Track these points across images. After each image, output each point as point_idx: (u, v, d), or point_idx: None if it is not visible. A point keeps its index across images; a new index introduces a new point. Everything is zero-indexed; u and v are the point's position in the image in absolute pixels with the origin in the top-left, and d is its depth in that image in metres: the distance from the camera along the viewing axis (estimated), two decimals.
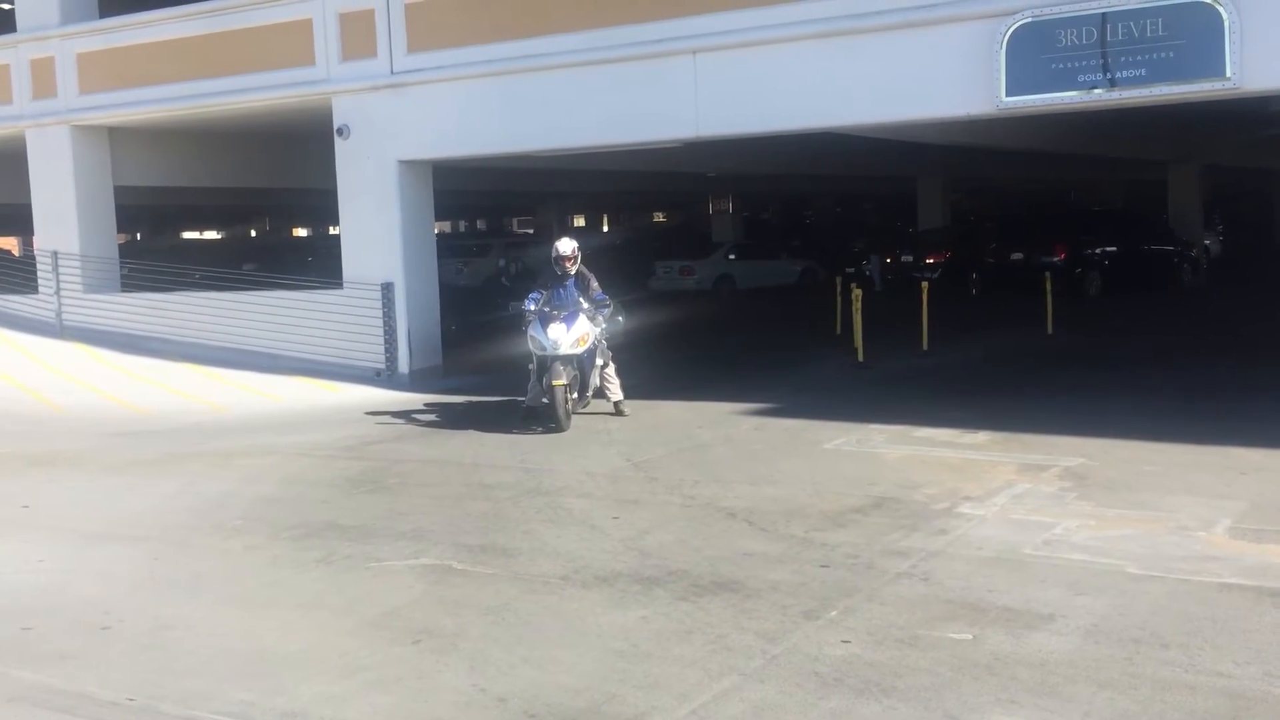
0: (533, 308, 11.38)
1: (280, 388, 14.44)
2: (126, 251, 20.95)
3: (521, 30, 13.60)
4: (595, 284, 11.70)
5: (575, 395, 11.27)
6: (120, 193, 17.87)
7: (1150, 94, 10.40)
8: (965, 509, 7.56)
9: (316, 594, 6.43)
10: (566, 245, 11.71)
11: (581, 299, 11.45)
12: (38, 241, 17.97)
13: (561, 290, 11.53)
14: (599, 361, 11.67)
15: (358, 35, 14.74)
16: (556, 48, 13.33)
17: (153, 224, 35.99)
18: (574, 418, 11.23)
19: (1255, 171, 31.56)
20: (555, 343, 11.05)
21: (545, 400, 11.08)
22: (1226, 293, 22.86)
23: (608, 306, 11.76)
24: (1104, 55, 10.40)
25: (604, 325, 11.79)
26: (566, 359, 11.08)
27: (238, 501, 8.69)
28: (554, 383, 10.91)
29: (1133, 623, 5.38)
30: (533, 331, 11.30)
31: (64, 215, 17.23)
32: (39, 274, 17.67)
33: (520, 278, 15.23)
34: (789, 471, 8.94)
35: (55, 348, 16.62)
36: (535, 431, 10.95)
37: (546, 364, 11.06)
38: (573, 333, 11.15)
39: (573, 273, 11.58)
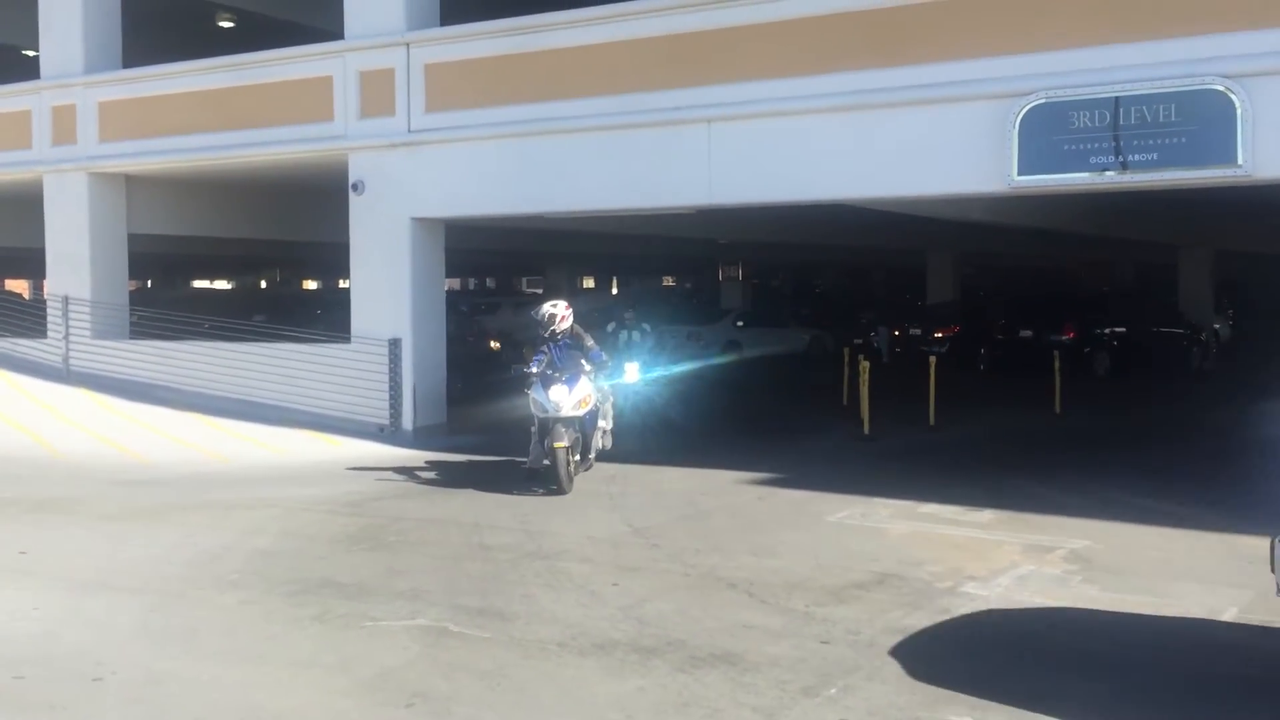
0: (535, 370, 11.39)
1: (284, 440, 14.41)
2: (137, 299, 21.05)
3: (538, 94, 13.76)
4: (590, 341, 11.80)
5: (577, 457, 11.23)
6: (133, 240, 17.99)
7: (1161, 178, 10.47)
8: (969, 589, 7.49)
9: (311, 652, 6.36)
10: (549, 309, 11.72)
11: (582, 360, 11.45)
12: (49, 286, 18.05)
13: (559, 351, 11.51)
14: (601, 424, 11.70)
15: (377, 93, 14.91)
16: (572, 112, 13.47)
17: (164, 272, 36.21)
18: (576, 480, 11.17)
19: (1267, 257, 31.66)
20: (557, 405, 11.04)
21: (547, 462, 11.02)
22: (1235, 377, 22.82)
23: (606, 365, 11.89)
24: (1116, 138, 10.48)
25: (606, 385, 11.85)
26: (568, 421, 11.07)
27: (236, 555, 8.63)
28: (555, 445, 10.87)
29: (1141, 710, 5.28)
30: (534, 394, 11.29)
31: (77, 260, 17.33)
32: (49, 318, 17.72)
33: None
34: (792, 543, 8.87)
35: (61, 392, 16.62)
36: (536, 493, 10.90)
37: (548, 426, 11.03)
38: (574, 395, 11.16)
39: (561, 332, 11.55)
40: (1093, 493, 10.80)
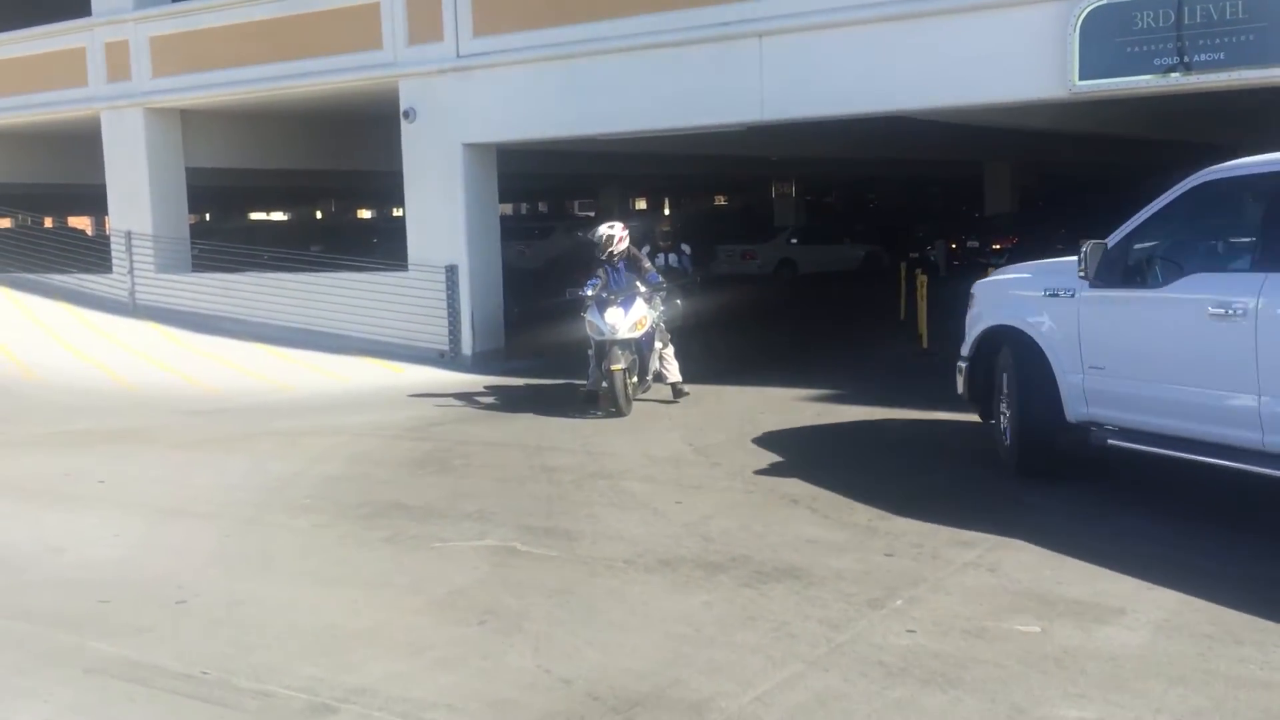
0: (590, 293, 11.35)
1: (346, 368, 14.63)
2: (196, 232, 21.33)
3: (586, 13, 13.61)
4: (648, 264, 11.74)
5: (634, 379, 11.25)
6: (191, 174, 18.18)
7: (1229, 78, 10.16)
8: (1032, 499, 7.47)
9: (383, 573, 6.52)
10: (606, 231, 11.65)
11: (638, 282, 11.42)
12: (111, 222, 18.35)
13: (616, 274, 11.50)
14: (657, 345, 11.67)
15: (425, 19, 14.84)
16: (621, 31, 13.32)
17: (221, 205, 36.52)
18: (634, 402, 11.25)
19: None
20: (613, 327, 11.03)
21: (605, 385, 11.06)
22: None
23: (664, 289, 11.80)
24: (1180, 38, 10.17)
25: (662, 308, 11.76)
26: (624, 343, 11.06)
27: (305, 480, 8.82)
28: (613, 367, 10.89)
29: (1205, 618, 5.29)
30: (590, 317, 11.29)
31: (137, 196, 17.57)
32: (113, 254, 18.04)
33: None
34: (852, 458, 8.88)
35: (128, 326, 16.98)
36: (595, 416, 10.96)
37: (605, 349, 11.05)
38: (630, 317, 11.13)
39: (619, 253, 11.52)
40: None
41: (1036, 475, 7.91)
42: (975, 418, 9.10)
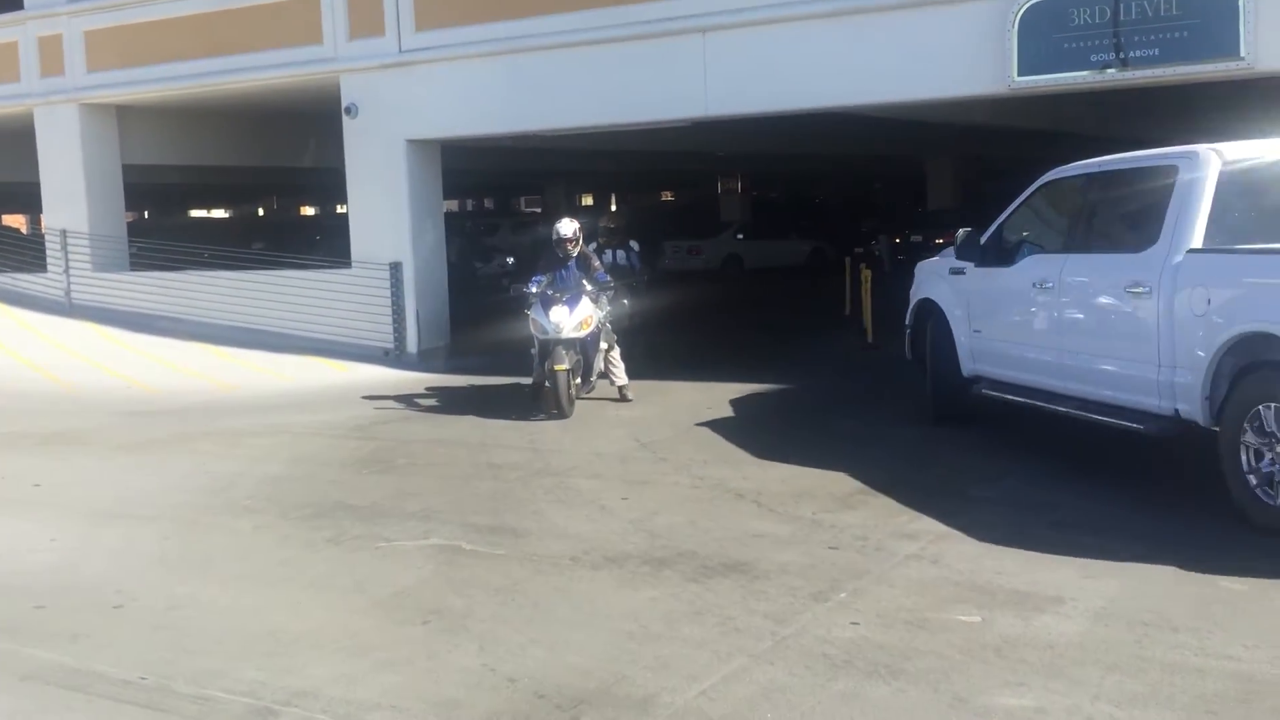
0: (534, 290, 11.08)
1: (289, 367, 14.47)
2: (135, 230, 20.98)
3: (530, 8, 13.55)
4: (597, 262, 11.51)
5: (578, 380, 11.00)
6: (128, 171, 17.87)
7: (1163, 73, 10.35)
8: (974, 491, 7.56)
9: (326, 574, 6.45)
10: (568, 227, 11.37)
11: (584, 280, 11.17)
12: (46, 220, 17.99)
13: (564, 272, 11.23)
14: (603, 345, 11.43)
15: (365, 13, 14.70)
16: (565, 26, 13.28)
17: (160, 202, 35.95)
18: (581, 400, 11.20)
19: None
20: (557, 326, 10.75)
21: (548, 385, 10.82)
22: None
23: (611, 288, 11.55)
24: (1117, 34, 10.34)
25: (608, 308, 11.58)
26: (569, 343, 10.77)
27: (247, 481, 8.71)
28: (556, 368, 10.61)
29: (1142, 605, 5.38)
30: (534, 314, 11.00)
31: (72, 193, 17.24)
32: (48, 252, 17.70)
33: None
34: (797, 452, 8.93)
35: (64, 326, 16.66)
36: (538, 418, 10.76)
37: (548, 348, 10.77)
38: (575, 315, 10.84)
39: (575, 254, 11.28)
40: None
41: (948, 423, 9.48)
42: (921, 416, 9.59)
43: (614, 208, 45.48)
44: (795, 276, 27.32)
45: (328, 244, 19.19)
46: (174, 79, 16.13)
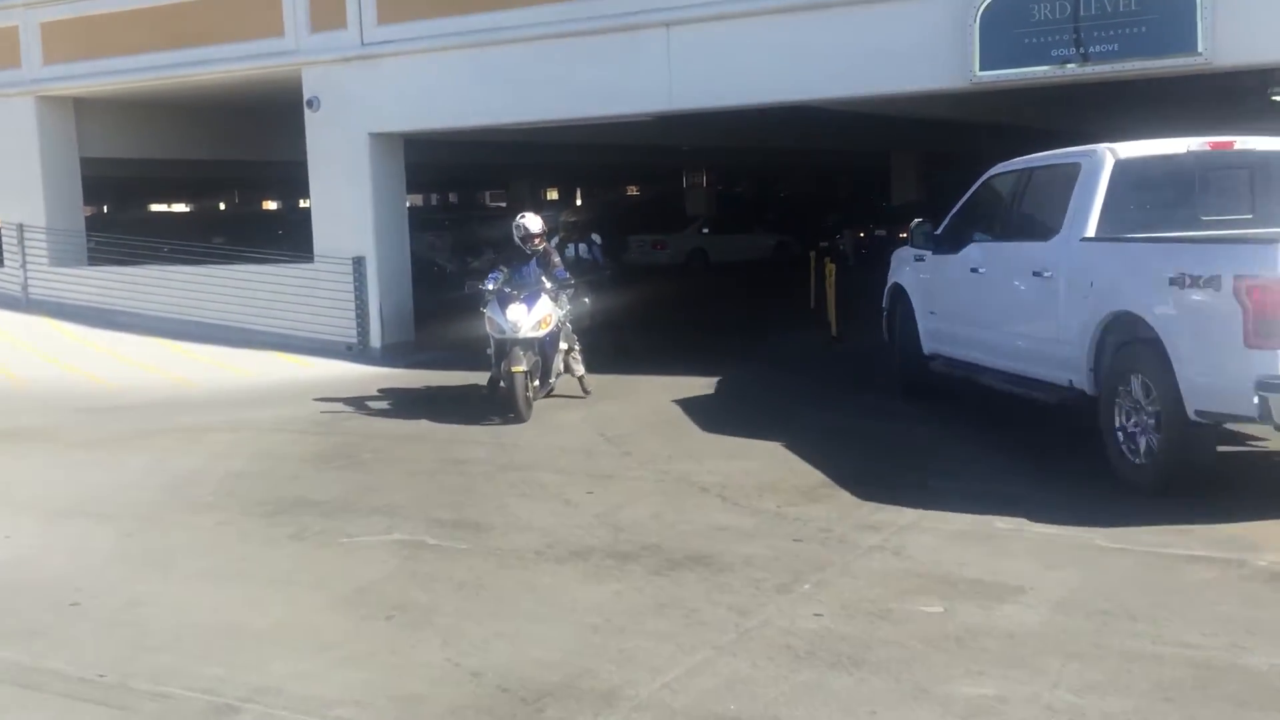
0: (491, 287, 10.61)
1: (251, 362, 14.35)
2: (93, 224, 20.72)
3: (493, 1, 13.49)
4: (557, 260, 11.11)
5: (536, 382, 10.52)
6: (86, 164, 17.65)
7: (1123, 68, 10.46)
8: (936, 483, 7.61)
9: (288, 570, 6.41)
10: (535, 223, 10.96)
11: (544, 278, 10.76)
12: (2, 214, 17.71)
13: (524, 269, 10.85)
14: (563, 345, 11.04)
15: (327, 5, 14.58)
16: (528, 19, 13.23)
17: (119, 196, 35.54)
18: (547, 393, 11.12)
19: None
20: (515, 325, 10.27)
21: (504, 386, 10.37)
22: None
23: (571, 286, 11.12)
24: (1077, 30, 10.43)
25: (568, 306, 11.28)
26: (527, 343, 10.30)
27: (208, 477, 8.63)
28: (513, 369, 10.10)
29: (1101, 595, 5.43)
30: (490, 313, 10.52)
31: (29, 187, 17.00)
32: (4, 247, 17.45)
33: None
34: (762, 446, 8.96)
35: (21, 321, 16.44)
36: (492, 422, 10.25)
37: (505, 348, 10.28)
38: (534, 314, 10.38)
39: (539, 250, 10.96)
40: None
41: (914, 397, 10.29)
42: (880, 410, 10.01)
43: (579, 202, 45.41)
44: (760, 270, 27.37)
45: (290, 238, 19.04)
46: (133, 71, 15.94)
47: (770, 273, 26.40)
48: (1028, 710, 4.30)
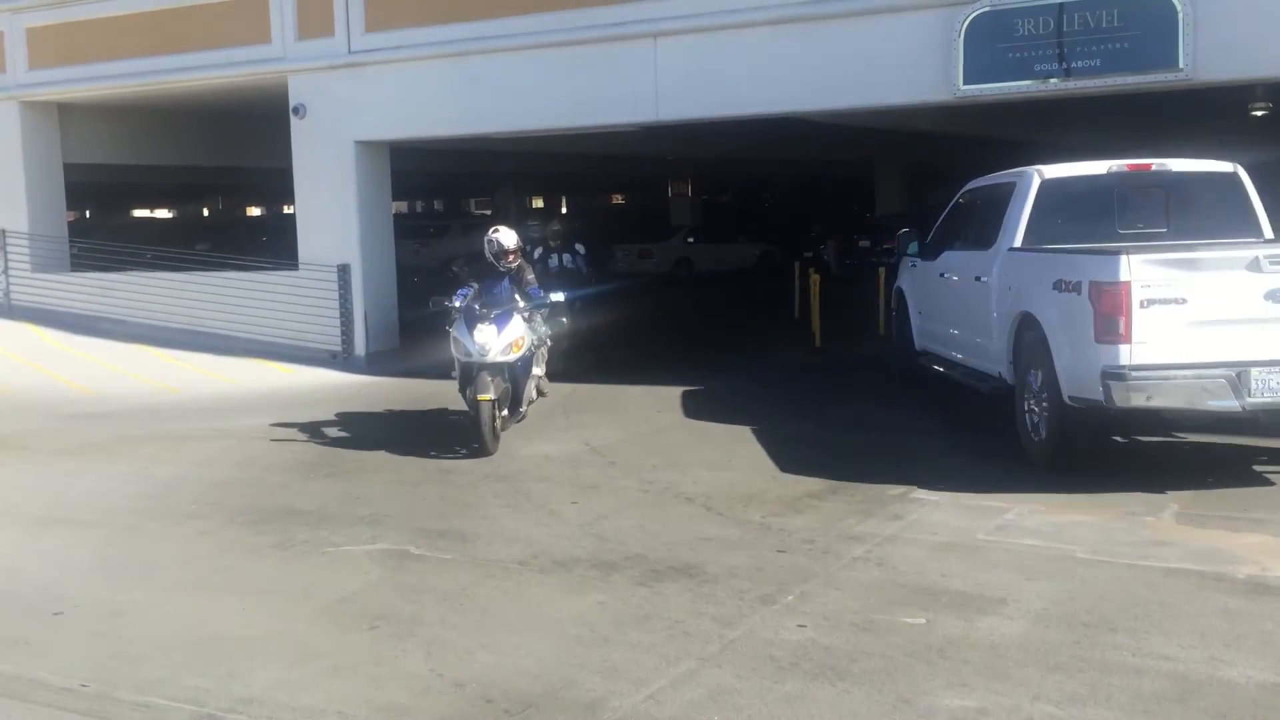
0: (458, 304, 9.66)
1: (234, 370, 14.31)
2: (76, 230, 20.67)
3: (481, 11, 13.52)
4: (531, 277, 10.14)
5: (504, 412, 9.54)
6: (69, 169, 17.59)
7: (1105, 84, 10.56)
8: (920, 494, 7.65)
9: (272, 579, 6.40)
10: (510, 238, 9.97)
11: (517, 296, 9.87)
12: None
13: (495, 287, 9.93)
14: (536, 371, 10.20)
15: (315, 13, 14.59)
16: (516, 29, 13.27)
17: (103, 202, 35.41)
18: (529, 404, 10.61)
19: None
20: (483, 347, 9.30)
21: (470, 414, 9.39)
22: None
23: (546, 306, 10.19)
24: (1060, 45, 10.53)
25: (544, 328, 10.48)
26: (496, 368, 9.34)
27: (191, 486, 8.61)
28: (480, 397, 9.12)
29: (1082, 607, 5.48)
30: (456, 333, 9.54)
31: (12, 193, 16.94)
32: None
33: None
34: (746, 456, 8.99)
35: (3, 328, 16.36)
36: (457, 455, 9.24)
37: (472, 373, 9.33)
38: (504, 336, 9.40)
39: (513, 268, 9.99)
40: None
41: (909, 386, 11.26)
42: (864, 421, 10.17)
43: (564, 210, 45.40)
44: (745, 280, 27.45)
45: (275, 245, 19.04)
46: (118, 77, 15.90)
47: (755, 282, 26.46)
48: None
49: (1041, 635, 5.16)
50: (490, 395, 9.16)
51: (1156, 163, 8.96)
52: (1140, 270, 7.26)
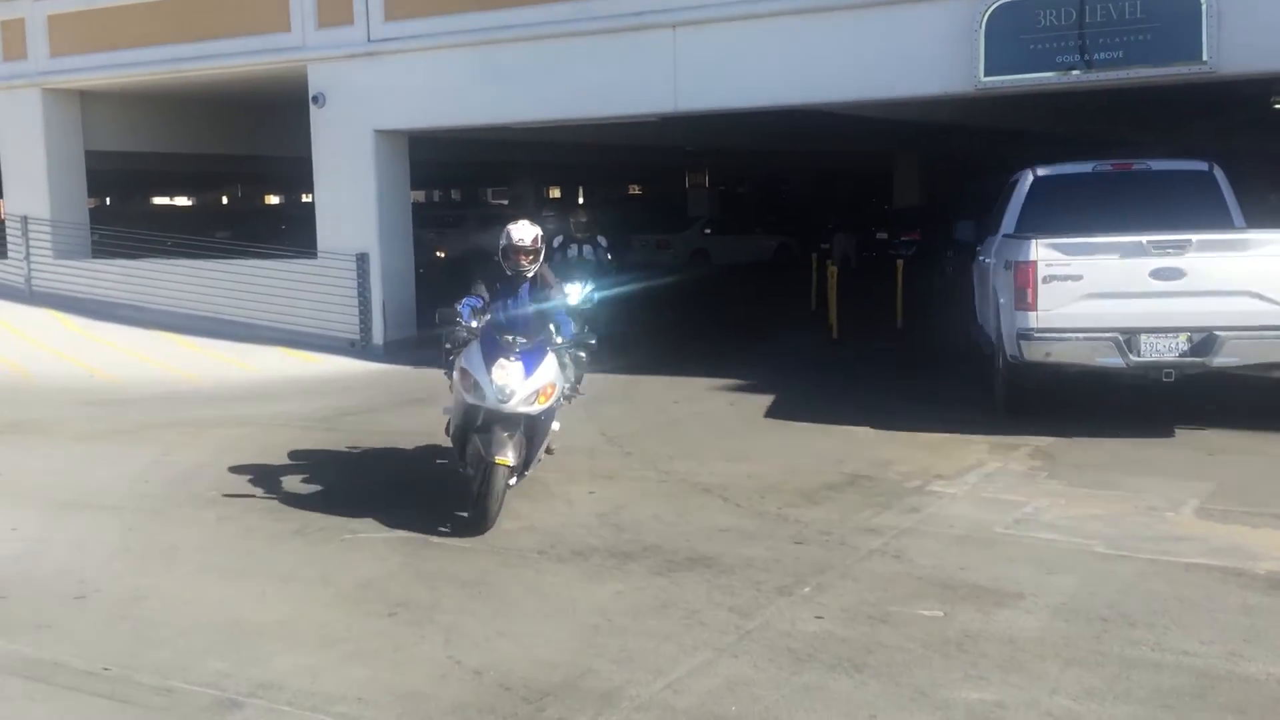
0: (471, 322, 7.23)
1: (253, 357, 14.38)
2: (97, 216, 20.75)
3: (500, 0, 13.51)
4: (558, 290, 7.70)
5: (513, 481, 7.02)
6: (91, 157, 17.68)
7: (1127, 76, 10.49)
8: (937, 487, 7.64)
9: (292, 565, 6.43)
10: (527, 232, 7.40)
11: (552, 327, 7.23)
12: (7, 205, 17.76)
13: (512, 301, 7.50)
14: (554, 425, 7.50)
15: (334, 2, 14.62)
16: (536, 18, 13.26)
17: (123, 189, 35.54)
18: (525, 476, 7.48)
19: (1227, 153, 31.71)
20: (503, 391, 6.76)
21: (470, 473, 6.96)
22: None
23: (588, 345, 7.62)
24: (1082, 37, 10.47)
25: (575, 370, 7.99)
26: (514, 420, 6.84)
27: (212, 472, 8.66)
28: (496, 459, 6.66)
29: (1101, 601, 5.47)
30: (466, 364, 7.00)
31: (34, 179, 17.04)
32: (8, 238, 17.48)
33: None
34: (763, 447, 8.99)
35: (25, 314, 16.46)
36: (442, 533, 6.84)
37: (482, 423, 6.82)
38: (534, 380, 6.89)
39: (530, 273, 7.50)
40: (1059, 389, 10.95)
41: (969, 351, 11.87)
42: (881, 411, 10.11)
43: (581, 200, 45.36)
44: (761, 271, 27.40)
45: (294, 233, 19.06)
46: (139, 65, 15.97)
47: (772, 274, 26.41)
48: (1026, 716, 4.34)
49: (1060, 629, 5.15)
50: (510, 460, 6.70)
51: (1138, 162, 10.22)
52: (1044, 253, 8.94)
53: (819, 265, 17.60)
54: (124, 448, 9.69)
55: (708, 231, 30.82)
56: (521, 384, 6.87)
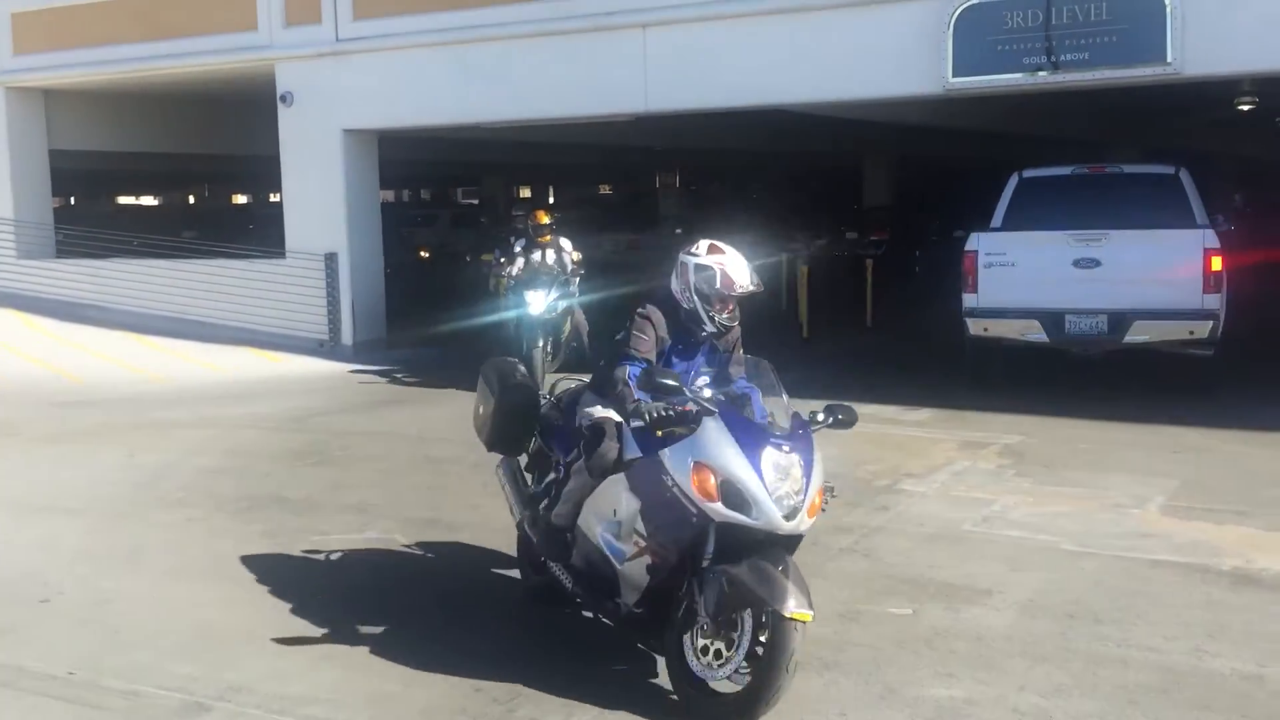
0: (705, 394, 5.29)
1: (221, 358, 14.27)
2: (61, 216, 20.53)
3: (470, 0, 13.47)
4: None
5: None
6: (55, 156, 17.49)
7: (1093, 77, 10.58)
8: (907, 485, 7.68)
9: (261, 568, 6.38)
10: (745, 272, 5.64)
11: (757, 398, 5.76)
12: None
13: (693, 358, 5.81)
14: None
15: (302, 1, 14.51)
16: (506, 18, 13.22)
17: (88, 188, 35.18)
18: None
19: (1196, 155, 32.02)
20: (787, 503, 4.59)
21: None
22: None
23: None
24: (1049, 38, 10.54)
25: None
26: (791, 546, 4.63)
27: (179, 474, 8.59)
28: (792, 613, 4.24)
29: (1068, 598, 5.51)
30: (705, 456, 4.61)
31: None
32: None
33: None
34: None
35: None
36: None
37: (710, 545, 4.50)
38: (815, 482, 4.85)
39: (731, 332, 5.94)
40: (1027, 387, 11.03)
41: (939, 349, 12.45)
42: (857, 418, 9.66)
43: (551, 200, 45.27)
44: None
45: (261, 233, 18.93)
46: (105, 63, 15.80)
47: None
48: (995, 712, 4.37)
49: (1028, 626, 5.19)
50: (808, 609, 4.31)
51: (1112, 166, 11.42)
52: (984, 243, 10.68)
53: (788, 265, 17.64)
54: (89, 449, 9.59)
55: (679, 231, 30.80)
56: (807, 490, 4.70)
